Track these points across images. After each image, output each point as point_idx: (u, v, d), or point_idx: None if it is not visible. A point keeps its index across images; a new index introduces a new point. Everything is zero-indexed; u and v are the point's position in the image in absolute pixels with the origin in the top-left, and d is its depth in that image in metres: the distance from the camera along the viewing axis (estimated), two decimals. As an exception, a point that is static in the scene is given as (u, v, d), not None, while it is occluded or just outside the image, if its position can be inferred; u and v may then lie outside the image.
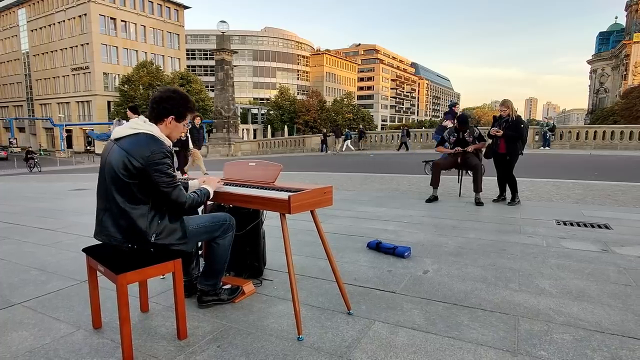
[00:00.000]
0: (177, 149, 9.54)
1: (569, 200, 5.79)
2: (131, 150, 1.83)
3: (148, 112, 2.03)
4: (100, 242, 2.04)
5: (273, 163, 2.50)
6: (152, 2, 51.16)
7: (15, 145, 48.59)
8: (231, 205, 2.66)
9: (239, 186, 2.41)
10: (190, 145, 9.67)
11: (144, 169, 1.82)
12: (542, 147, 20.82)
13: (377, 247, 3.47)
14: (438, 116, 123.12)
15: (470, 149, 5.68)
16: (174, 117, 2.02)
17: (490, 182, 6.60)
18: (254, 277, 2.80)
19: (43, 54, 51.29)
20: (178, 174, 2.26)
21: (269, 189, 2.26)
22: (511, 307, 2.32)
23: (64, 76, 49.11)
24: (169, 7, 53.77)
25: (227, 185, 2.43)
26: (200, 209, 2.47)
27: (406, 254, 3.27)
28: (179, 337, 1.99)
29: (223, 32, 29.57)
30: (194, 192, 2.11)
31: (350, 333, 2.04)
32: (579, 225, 4.34)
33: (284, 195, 2.00)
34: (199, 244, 2.60)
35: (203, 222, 2.20)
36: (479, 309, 2.29)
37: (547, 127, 21.25)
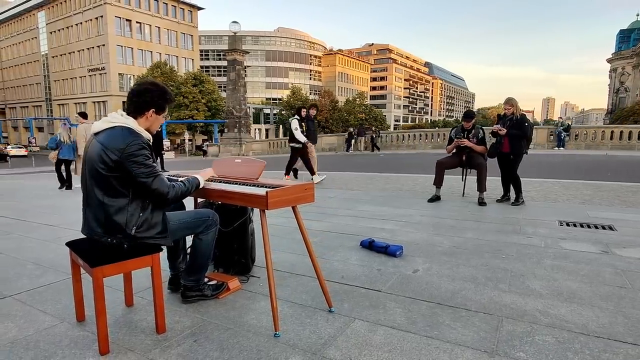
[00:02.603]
0: (301, 145, 8.19)
1: (575, 201, 5.65)
2: (107, 144, 1.84)
3: (127, 104, 2.01)
4: (83, 237, 2.08)
5: (258, 160, 2.50)
6: (166, 4, 51.92)
7: (34, 145, 49.78)
8: (219, 202, 2.67)
9: (224, 182, 2.41)
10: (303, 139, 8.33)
11: (120, 162, 1.81)
12: (556, 148, 20.38)
13: (369, 245, 3.44)
14: (452, 116, 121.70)
15: (466, 142, 5.61)
16: (154, 109, 2.01)
17: (495, 182, 6.50)
18: (241, 273, 2.81)
19: (61, 55, 52.56)
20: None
21: (250, 185, 2.26)
22: (497, 307, 2.27)
23: (81, 77, 50.25)
24: (183, 9, 54.48)
25: (212, 181, 2.43)
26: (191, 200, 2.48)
27: (398, 252, 3.23)
28: (158, 331, 2.01)
29: (235, 33, 29.82)
30: (181, 181, 2.11)
31: (328, 330, 2.03)
32: (582, 226, 4.22)
33: (262, 191, 2.00)
34: (187, 238, 2.62)
35: (185, 218, 2.22)
36: (463, 309, 2.24)
37: (561, 127, 20.79)
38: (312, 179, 8.55)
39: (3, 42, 61.47)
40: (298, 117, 8.45)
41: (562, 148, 20.17)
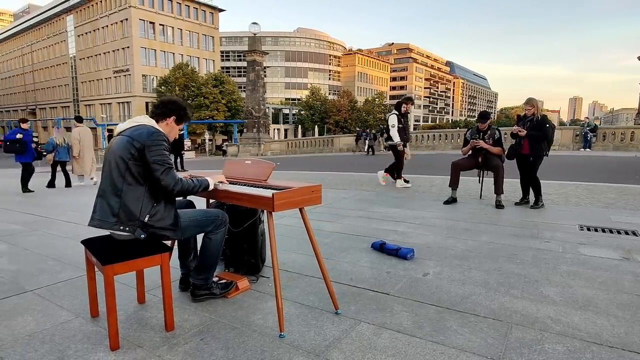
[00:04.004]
0: (400, 142, 7.22)
1: (598, 205, 5.46)
2: (133, 135, 2.02)
3: (152, 110, 2.21)
4: (98, 236, 2.15)
5: (267, 161, 2.53)
6: (188, 6, 52.91)
7: (63, 144, 51.48)
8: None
9: (234, 184, 2.45)
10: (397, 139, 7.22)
11: (142, 150, 1.98)
12: (582, 149, 19.72)
13: (380, 247, 3.42)
14: (474, 116, 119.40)
15: (481, 143, 5.51)
16: (175, 117, 2.24)
17: (514, 184, 6.35)
18: (251, 273, 2.84)
19: (88, 57, 54.28)
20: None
21: (258, 187, 2.29)
22: (507, 314, 2.22)
23: (106, 78, 51.75)
24: (205, 11, 55.40)
25: (222, 182, 2.47)
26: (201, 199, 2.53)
27: (409, 255, 3.20)
28: (167, 328, 2.06)
29: (255, 34, 30.11)
30: (192, 179, 2.20)
31: (333, 332, 2.03)
32: (603, 230, 4.08)
33: (268, 193, 2.02)
34: (198, 238, 2.67)
35: (195, 216, 2.27)
36: (471, 315, 2.21)
37: (588, 128, 20.10)
38: (395, 182, 7.70)
39: (35, 45, 63.95)
40: (397, 113, 7.31)
41: (588, 149, 19.52)
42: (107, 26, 50.60)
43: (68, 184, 9.10)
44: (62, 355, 1.84)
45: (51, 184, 9.06)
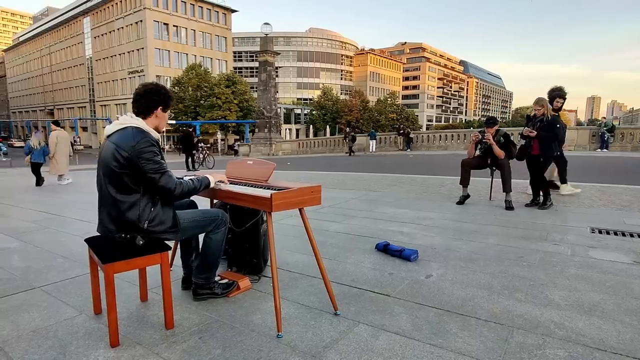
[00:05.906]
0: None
1: (612, 207, 5.32)
2: (119, 143, 1.96)
3: (135, 107, 2.11)
4: (101, 235, 2.18)
5: (268, 162, 2.53)
6: (202, 7, 53.56)
7: (79, 144, 52.51)
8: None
9: (235, 184, 2.47)
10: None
11: (131, 159, 1.93)
12: (599, 149, 19.29)
13: (384, 248, 3.40)
14: (488, 116, 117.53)
15: (490, 134, 5.47)
16: (162, 107, 2.14)
17: (524, 186, 6.23)
18: (253, 273, 2.85)
19: (104, 58, 55.39)
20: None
21: (258, 187, 2.30)
22: (509, 317, 2.18)
23: (121, 79, 52.72)
24: (218, 12, 56.00)
25: (223, 182, 2.49)
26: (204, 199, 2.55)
27: (412, 257, 3.17)
28: (166, 327, 2.08)
29: (266, 34, 30.26)
30: (191, 179, 2.19)
31: (331, 334, 2.03)
32: (616, 234, 3.98)
33: (267, 193, 2.03)
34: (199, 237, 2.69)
35: (195, 217, 2.28)
36: (472, 318, 2.18)
37: (605, 128, 19.64)
38: (560, 187, 6.33)
39: (53, 47, 65.50)
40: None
41: (605, 150, 19.08)
42: (122, 28, 51.55)
43: (40, 182, 9.52)
44: (64, 351, 1.87)
45: (38, 183, 9.51)
